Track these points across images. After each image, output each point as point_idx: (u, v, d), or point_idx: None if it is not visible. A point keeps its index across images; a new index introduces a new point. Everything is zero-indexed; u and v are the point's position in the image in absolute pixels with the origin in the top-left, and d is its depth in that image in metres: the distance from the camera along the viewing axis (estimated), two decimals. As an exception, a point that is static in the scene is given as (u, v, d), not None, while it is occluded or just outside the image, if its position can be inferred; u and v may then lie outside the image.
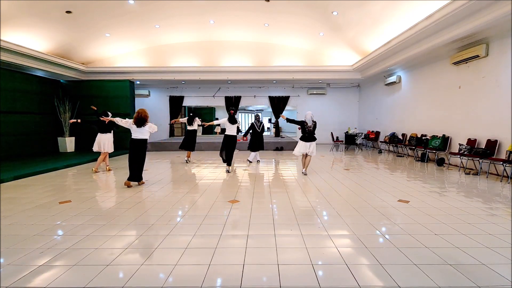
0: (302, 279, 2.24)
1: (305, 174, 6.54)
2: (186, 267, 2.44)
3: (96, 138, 7.05)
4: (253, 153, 8.34)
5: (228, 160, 7.00)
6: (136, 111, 5.42)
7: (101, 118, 6.70)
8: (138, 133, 5.32)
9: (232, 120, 6.94)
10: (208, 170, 7.33)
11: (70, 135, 11.11)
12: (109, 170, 7.19)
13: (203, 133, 18.76)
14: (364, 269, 2.39)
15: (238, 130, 7.24)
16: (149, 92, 15.34)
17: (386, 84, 11.63)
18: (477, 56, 6.83)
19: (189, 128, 8.56)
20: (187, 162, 8.55)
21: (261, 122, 8.46)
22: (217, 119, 14.19)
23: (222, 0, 8.93)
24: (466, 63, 7.38)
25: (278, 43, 12.45)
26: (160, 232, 3.18)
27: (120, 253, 2.68)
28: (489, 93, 6.71)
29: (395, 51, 8.96)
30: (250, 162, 8.34)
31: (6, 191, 5.14)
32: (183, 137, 9.25)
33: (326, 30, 10.46)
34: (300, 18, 9.92)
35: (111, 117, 6.28)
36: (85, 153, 10.38)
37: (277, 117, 15.54)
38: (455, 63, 7.62)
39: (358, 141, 13.24)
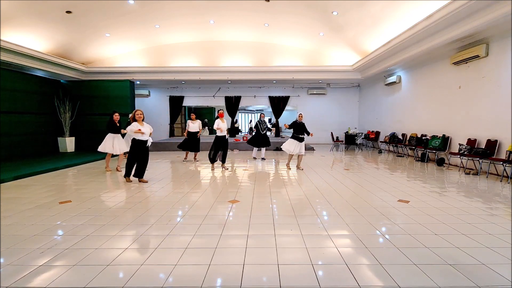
0: (302, 279, 2.24)
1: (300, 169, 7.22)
2: (186, 267, 2.44)
3: (107, 139, 6.92)
4: (255, 150, 9.16)
5: (223, 158, 7.36)
6: (136, 112, 5.60)
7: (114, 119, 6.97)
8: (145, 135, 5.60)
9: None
10: (208, 170, 7.32)
11: (70, 135, 11.12)
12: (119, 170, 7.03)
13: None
14: (364, 269, 2.39)
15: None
16: (149, 92, 15.34)
17: (386, 84, 11.63)
18: (477, 56, 6.83)
19: (191, 130, 8.65)
20: (185, 161, 8.83)
21: (265, 124, 8.94)
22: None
23: (222, 0, 8.93)
24: (466, 63, 7.38)
25: (278, 43, 12.45)
26: (160, 232, 3.18)
27: (120, 253, 2.68)
28: (489, 93, 6.71)
29: (395, 51, 8.96)
30: (255, 158, 9.08)
31: (6, 191, 5.14)
32: (183, 137, 9.36)
33: (326, 30, 10.46)
34: (300, 18, 9.92)
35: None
36: (85, 153, 10.39)
37: (277, 117, 15.54)
38: (455, 63, 7.62)
39: (358, 141, 13.23)
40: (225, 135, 7.14)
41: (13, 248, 2.79)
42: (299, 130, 7.14)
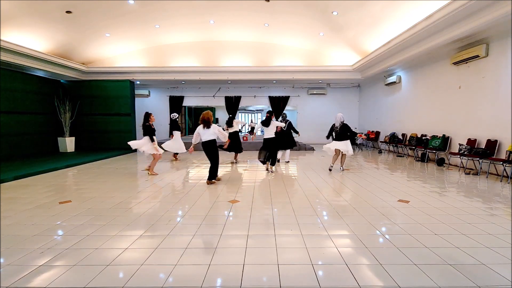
0: (302, 279, 2.24)
1: (342, 170, 7.03)
2: (186, 267, 2.44)
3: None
4: (280, 152, 8.33)
5: (268, 159, 6.88)
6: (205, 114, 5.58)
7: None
8: (206, 135, 5.53)
9: (268, 122, 6.88)
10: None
11: (70, 135, 11.12)
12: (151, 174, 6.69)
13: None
14: (364, 269, 2.39)
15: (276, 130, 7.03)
16: (149, 92, 15.34)
17: (386, 84, 11.62)
18: (477, 56, 6.83)
19: (230, 130, 8.32)
20: (236, 163, 8.35)
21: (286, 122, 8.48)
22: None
23: (222, 0, 8.93)
24: (466, 63, 7.38)
25: (278, 43, 12.45)
26: (160, 232, 3.18)
27: (120, 253, 2.68)
28: (489, 93, 6.71)
29: (395, 51, 8.95)
30: (287, 162, 8.43)
31: (6, 191, 5.14)
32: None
33: (326, 30, 10.46)
34: (300, 18, 9.92)
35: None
36: (85, 153, 10.39)
37: (277, 117, 15.52)
38: (455, 63, 7.62)
39: (358, 141, 13.23)
40: (273, 137, 6.93)
41: (13, 248, 2.79)
42: (337, 136, 6.96)
